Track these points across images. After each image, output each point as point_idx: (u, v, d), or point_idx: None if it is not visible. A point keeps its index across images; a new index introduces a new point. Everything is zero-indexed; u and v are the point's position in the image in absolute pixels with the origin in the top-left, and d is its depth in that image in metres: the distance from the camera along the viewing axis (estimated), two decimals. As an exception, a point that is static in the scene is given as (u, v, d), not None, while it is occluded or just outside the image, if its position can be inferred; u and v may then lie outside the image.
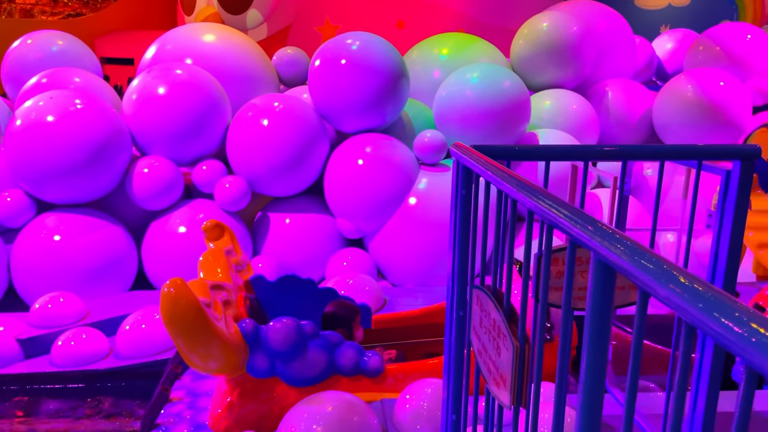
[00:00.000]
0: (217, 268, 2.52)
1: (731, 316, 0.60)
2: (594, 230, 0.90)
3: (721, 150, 1.70)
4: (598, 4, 5.96)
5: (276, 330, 2.26)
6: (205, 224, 2.77)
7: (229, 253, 2.69)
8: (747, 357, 0.57)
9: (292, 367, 2.31)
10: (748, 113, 5.12)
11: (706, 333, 0.63)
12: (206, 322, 2.02)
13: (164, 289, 1.98)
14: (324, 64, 4.42)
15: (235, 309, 2.40)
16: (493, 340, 1.27)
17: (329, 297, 2.68)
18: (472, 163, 1.54)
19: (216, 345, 2.07)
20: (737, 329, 0.59)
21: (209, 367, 2.14)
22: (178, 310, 1.96)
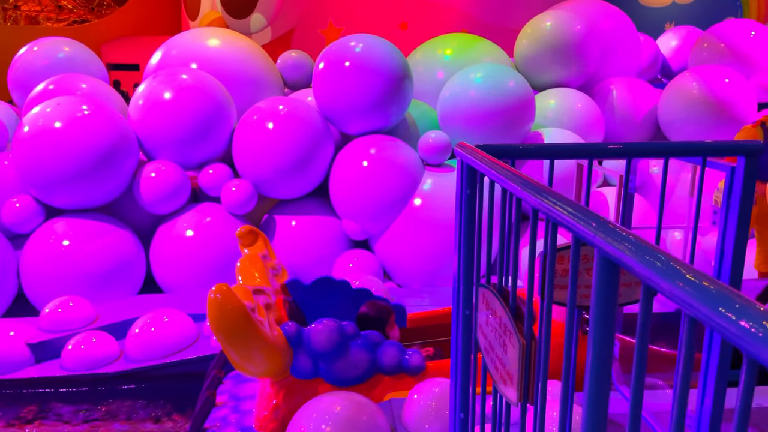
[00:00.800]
0: (254, 272, 2.56)
1: (737, 311, 0.61)
2: (597, 227, 0.91)
3: (725, 146, 1.70)
4: (601, 3, 5.96)
5: (318, 331, 2.31)
6: (239, 230, 2.82)
7: (265, 257, 2.74)
8: (753, 351, 0.58)
9: (335, 367, 2.36)
10: (753, 109, 5.11)
11: (713, 328, 0.64)
12: (253, 326, 2.05)
13: (211, 295, 2.01)
14: (328, 66, 4.44)
15: (276, 312, 2.45)
16: (499, 338, 1.28)
17: (364, 297, 2.73)
18: (477, 163, 1.55)
19: (263, 348, 2.11)
20: (744, 324, 0.59)
21: (256, 370, 2.19)
22: (225, 316, 1.99)
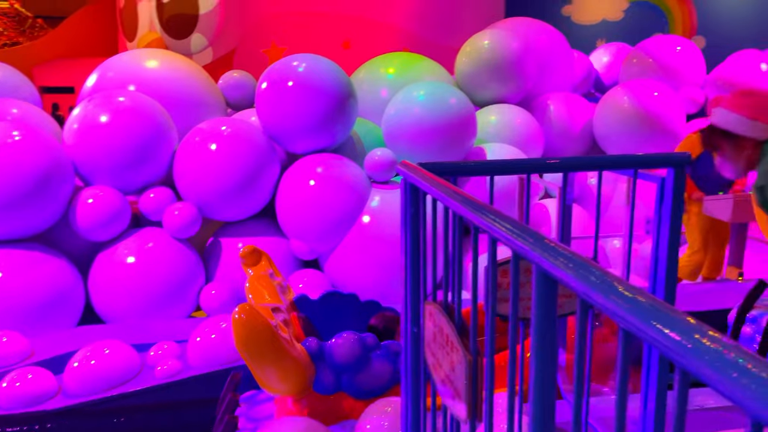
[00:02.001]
0: (264, 292, 2.55)
1: (669, 324, 0.63)
2: (535, 243, 0.93)
3: (655, 158, 1.78)
4: (536, 21, 6.17)
5: (340, 345, 2.34)
6: (243, 251, 2.79)
7: (272, 276, 2.72)
8: (683, 363, 0.60)
9: (358, 379, 2.38)
10: (682, 121, 5.37)
11: (646, 341, 0.66)
12: (279, 344, 2.07)
13: (235, 315, 2.02)
14: (271, 86, 4.42)
15: (293, 329, 2.45)
16: (446, 355, 1.29)
17: (373, 309, 2.74)
18: (419, 181, 1.56)
19: (289, 365, 2.13)
20: (675, 336, 0.62)
21: (283, 388, 2.20)
22: (252, 335, 2.00)
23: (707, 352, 0.57)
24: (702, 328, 0.60)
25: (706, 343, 0.59)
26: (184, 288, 4.19)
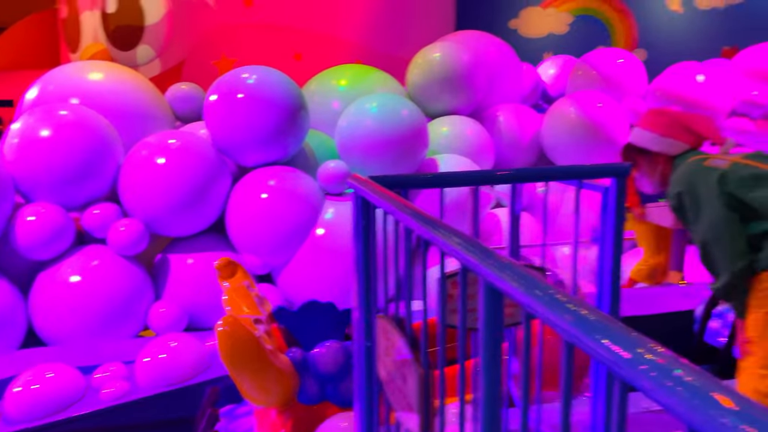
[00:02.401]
0: (242, 304, 2.51)
1: (613, 338, 0.64)
2: (481, 257, 0.94)
3: (598, 169, 1.83)
4: (485, 34, 6.29)
5: (324, 354, 2.36)
6: (218, 262, 2.75)
7: (248, 287, 2.68)
8: (624, 375, 0.61)
9: (343, 388, 2.41)
10: (625, 131, 5.55)
11: (590, 354, 0.68)
12: (264, 355, 2.06)
13: (219, 327, 2.00)
14: (220, 98, 4.36)
15: (275, 340, 2.43)
16: (398, 369, 1.28)
17: (350, 318, 2.75)
18: (369, 194, 1.56)
19: (274, 377, 2.13)
20: (617, 350, 0.63)
21: (269, 399, 2.19)
22: (237, 346, 1.99)
23: (646, 364, 0.59)
24: (643, 341, 0.62)
25: (646, 355, 0.60)
26: (131, 307, 4.06)
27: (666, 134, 2.33)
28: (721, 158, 2.21)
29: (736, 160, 2.19)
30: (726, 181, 2.11)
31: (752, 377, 2.14)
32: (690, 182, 2.18)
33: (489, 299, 0.93)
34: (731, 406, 0.49)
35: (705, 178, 2.15)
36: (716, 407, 0.50)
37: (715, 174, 2.14)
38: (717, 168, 2.16)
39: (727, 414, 0.49)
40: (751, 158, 2.21)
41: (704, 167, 2.19)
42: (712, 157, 2.24)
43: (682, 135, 2.32)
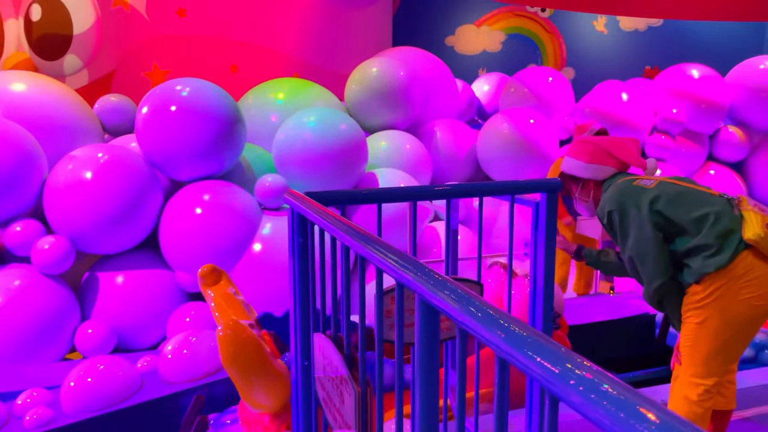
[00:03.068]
0: (229, 311, 2.49)
1: (545, 355, 0.66)
2: (418, 275, 0.95)
3: (530, 185, 1.89)
4: (422, 51, 6.40)
5: None
6: (202, 270, 2.71)
7: (236, 294, 2.67)
8: (555, 390, 0.62)
9: None
10: (555, 146, 5.76)
11: (523, 370, 0.69)
12: (265, 358, 2.06)
13: (220, 332, 2.00)
14: (152, 111, 4.23)
15: (268, 345, 2.41)
16: (336, 388, 1.27)
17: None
18: (306, 211, 1.55)
19: (275, 380, 2.12)
20: (548, 365, 0.64)
21: (269, 403, 2.17)
22: (239, 350, 2.00)
23: (575, 379, 0.60)
24: (571, 357, 0.63)
25: (575, 370, 0.62)
26: (57, 328, 3.86)
27: (592, 161, 2.46)
28: (647, 178, 2.34)
29: (662, 179, 2.33)
30: (656, 200, 2.23)
31: (683, 385, 2.24)
32: (620, 202, 2.29)
33: (425, 315, 0.93)
34: (654, 419, 0.51)
35: (634, 198, 2.27)
36: (641, 420, 0.52)
37: (644, 194, 2.26)
38: (645, 188, 2.28)
39: (650, 427, 0.51)
40: (675, 179, 2.36)
41: (633, 187, 2.31)
42: (640, 177, 2.36)
43: (606, 160, 2.45)
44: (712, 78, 6.11)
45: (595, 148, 2.48)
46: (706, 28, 12.68)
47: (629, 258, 2.31)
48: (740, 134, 6.13)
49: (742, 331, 2.19)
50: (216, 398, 3.22)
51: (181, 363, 3.29)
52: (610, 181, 2.43)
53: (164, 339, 4.13)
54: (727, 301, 2.14)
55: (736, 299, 2.13)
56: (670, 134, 6.07)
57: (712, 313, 2.16)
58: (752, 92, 6.04)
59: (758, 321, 2.21)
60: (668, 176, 2.39)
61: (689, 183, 2.33)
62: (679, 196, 2.25)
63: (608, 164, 2.45)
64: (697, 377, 2.21)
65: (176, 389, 3.24)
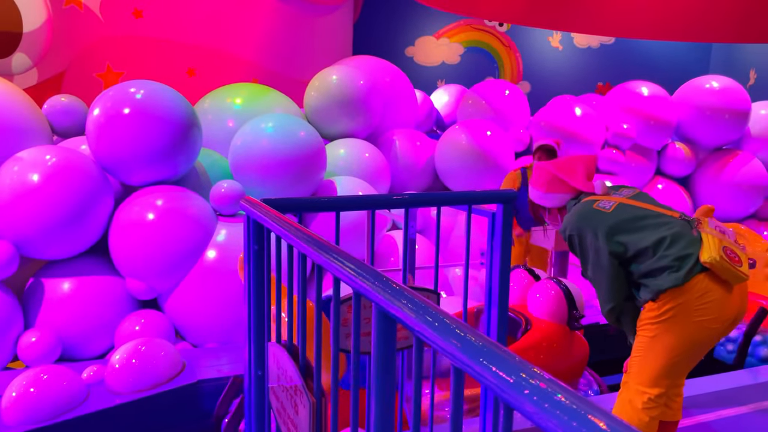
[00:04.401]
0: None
1: (498, 364, 0.66)
2: (375, 284, 0.95)
3: (486, 195, 1.91)
4: (381, 61, 6.43)
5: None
6: (241, 256, 2.77)
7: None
8: (507, 399, 0.63)
9: None
10: (511, 158, 5.87)
11: (478, 379, 0.69)
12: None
13: None
14: (104, 113, 4.12)
15: None
16: (290, 398, 1.25)
17: None
18: (262, 218, 1.53)
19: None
20: (503, 374, 0.65)
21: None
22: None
23: (528, 388, 0.61)
24: (525, 366, 0.64)
25: (529, 380, 0.62)
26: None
27: (549, 191, 2.53)
28: (607, 200, 2.38)
29: (621, 200, 2.36)
30: (614, 230, 2.27)
31: (629, 391, 2.30)
32: (578, 227, 2.35)
33: (381, 324, 0.93)
34: (605, 428, 0.52)
35: (592, 223, 2.31)
36: (592, 429, 0.53)
37: (602, 219, 2.30)
38: (604, 211, 2.32)
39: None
40: (635, 198, 2.39)
41: (593, 210, 2.34)
42: (599, 199, 2.40)
43: (561, 188, 2.52)
44: (660, 95, 6.34)
45: (550, 177, 2.53)
46: (656, 47, 13.18)
47: (589, 278, 2.37)
48: (686, 150, 6.37)
49: (693, 351, 2.23)
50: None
51: (129, 373, 3.19)
52: (573, 202, 2.49)
53: (112, 348, 4.00)
54: (680, 321, 2.17)
55: (690, 320, 2.16)
56: (620, 149, 6.26)
57: (665, 330, 2.19)
58: (698, 110, 6.29)
59: (710, 343, 2.25)
60: (627, 195, 2.39)
61: (648, 203, 2.35)
62: (637, 220, 2.27)
63: (563, 192, 2.52)
64: (643, 386, 2.27)
65: (124, 400, 3.13)
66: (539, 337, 3.06)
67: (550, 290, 3.23)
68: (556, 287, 3.25)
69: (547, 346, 3.04)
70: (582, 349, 3.23)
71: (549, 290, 3.23)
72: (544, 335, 3.07)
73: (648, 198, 2.41)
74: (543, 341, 3.05)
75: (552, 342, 3.07)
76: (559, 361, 3.06)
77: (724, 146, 6.51)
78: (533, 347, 3.00)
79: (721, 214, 6.32)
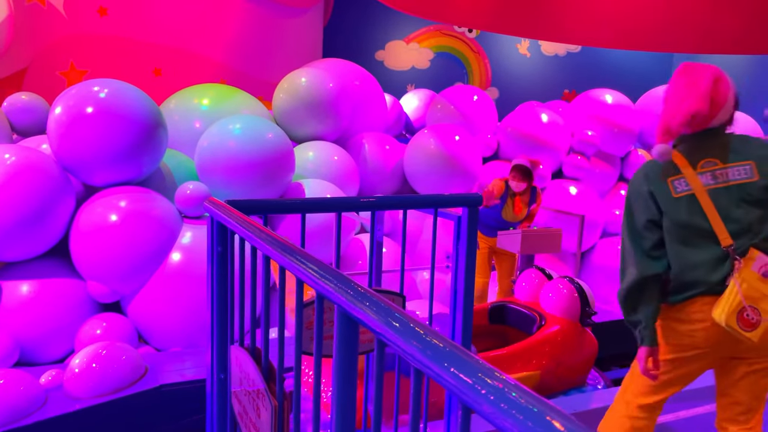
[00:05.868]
0: None
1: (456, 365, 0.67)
2: (337, 285, 0.94)
3: (452, 199, 1.93)
4: (351, 64, 6.43)
5: None
6: None
7: None
8: (465, 399, 0.63)
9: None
10: (478, 163, 5.92)
11: (438, 381, 0.70)
12: None
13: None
14: (66, 111, 4.02)
15: None
16: (252, 401, 1.24)
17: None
18: (226, 219, 1.51)
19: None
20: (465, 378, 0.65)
21: None
22: None
23: (486, 389, 0.61)
24: (484, 368, 0.65)
25: (486, 380, 0.63)
26: (-50, 341, 3.57)
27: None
28: (686, 179, 1.99)
29: (699, 190, 1.96)
30: (674, 214, 1.98)
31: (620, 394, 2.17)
32: (632, 189, 2.08)
33: (344, 327, 0.93)
34: (561, 428, 0.53)
35: (642, 202, 2.03)
36: (549, 429, 0.54)
37: (661, 201, 2.00)
38: (670, 192, 1.99)
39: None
40: (713, 194, 1.95)
41: (662, 184, 2.01)
42: (678, 175, 2.00)
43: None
44: (623, 104, 6.48)
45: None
46: (620, 56, 13.47)
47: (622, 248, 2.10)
48: (649, 157, 6.53)
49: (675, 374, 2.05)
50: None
51: (89, 377, 3.12)
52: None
53: (72, 352, 3.90)
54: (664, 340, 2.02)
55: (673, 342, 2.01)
56: (585, 155, 6.37)
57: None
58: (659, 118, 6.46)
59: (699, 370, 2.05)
60: (708, 184, 1.95)
61: (717, 209, 1.93)
62: (689, 231, 1.96)
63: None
64: (630, 394, 2.14)
65: (83, 405, 3.06)
66: (554, 331, 3.22)
67: (565, 288, 3.40)
68: (570, 285, 3.41)
69: (561, 340, 3.20)
70: (591, 344, 3.39)
71: (563, 288, 3.40)
72: (559, 330, 3.23)
73: (727, 197, 1.94)
74: (558, 335, 3.21)
75: (566, 337, 3.22)
76: (571, 355, 3.22)
77: (685, 154, 6.70)
78: (549, 341, 3.16)
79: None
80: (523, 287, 3.64)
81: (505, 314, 3.64)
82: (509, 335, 3.51)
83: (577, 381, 3.30)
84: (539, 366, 3.03)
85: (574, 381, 3.28)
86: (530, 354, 3.05)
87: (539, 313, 3.40)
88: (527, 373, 2.97)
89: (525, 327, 3.43)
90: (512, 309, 3.60)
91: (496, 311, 3.66)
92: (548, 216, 5.83)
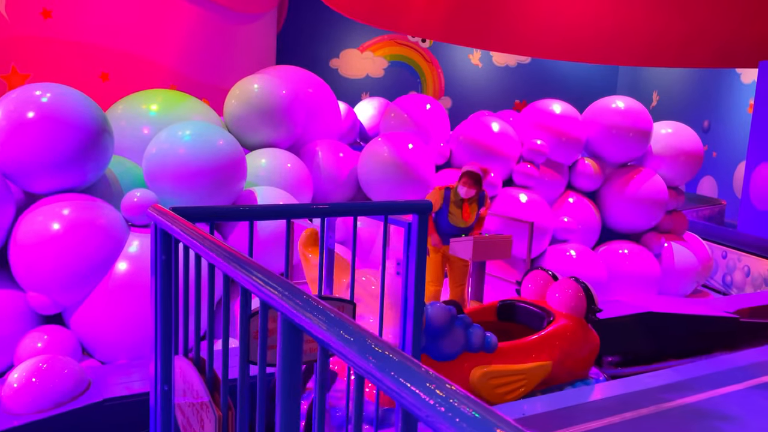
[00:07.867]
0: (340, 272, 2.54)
1: (404, 374, 0.66)
2: (282, 293, 0.93)
3: (402, 205, 1.94)
4: (305, 71, 6.40)
5: (435, 311, 2.82)
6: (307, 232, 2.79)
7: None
8: (411, 409, 0.63)
9: (443, 344, 2.88)
10: (431, 170, 5.98)
11: (385, 391, 0.69)
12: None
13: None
14: (6, 116, 3.86)
15: None
16: (196, 413, 1.21)
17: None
18: (170, 227, 1.48)
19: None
20: (416, 390, 0.65)
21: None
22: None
23: (433, 399, 0.61)
24: (431, 377, 0.65)
25: (436, 391, 0.63)
26: None
27: None
28: None
29: None
30: None
31: None
32: None
33: (287, 336, 0.92)
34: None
35: None
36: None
37: None
38: None
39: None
40: None
41: None
42: None
43: None
44: (570, 114, 6.66)
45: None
46: (568, 68, 13.86)
47: None
48: (595, 166, 6.72)
49: None
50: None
51: (28, 392, 2.98)
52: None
53: (11, 367, 3.73)
54: None
55: None
56: (534, 163, 6.52)
57: None
58: (605, 128, 6.65)
59: None
60: None
61: None
62: None
63: None
64: None
65: (22, 421, 2.92)
66: (563, 326, 3.48)
67: (571, 287, 3.64)
68: (576, 285, 3.66)
69: (570, 335, 3.46)
70: (594, 340, 3.64)
71: (570, 287, 3.64)
72: (567, 325, 3.49)
73: None
74: (566, 330, 3.46)
75: (573, 332, 3.49)
76: (578, 349, 3.49)
77: (629, 162, 6.91)
78: (558, 336, 3.41)
79: (625, 227, 6.70)
80: (529, 288, 3.89)
81: (513, 311, 3.80)
82: (517, 332, 3.66)
83: (582, 374, 3.56)
84: (551, 357, 3.32)
85: (580, 373, 3.55)
86: (543, 346, 3.34)
87: (547, 310, 3.64)
88: (541, 362, 3.27)
89: (533, 323, 3.66)
90: (520, 306, 3.76)
91: (504, 308, 3.84)
92: (499, 223, 5.92)
